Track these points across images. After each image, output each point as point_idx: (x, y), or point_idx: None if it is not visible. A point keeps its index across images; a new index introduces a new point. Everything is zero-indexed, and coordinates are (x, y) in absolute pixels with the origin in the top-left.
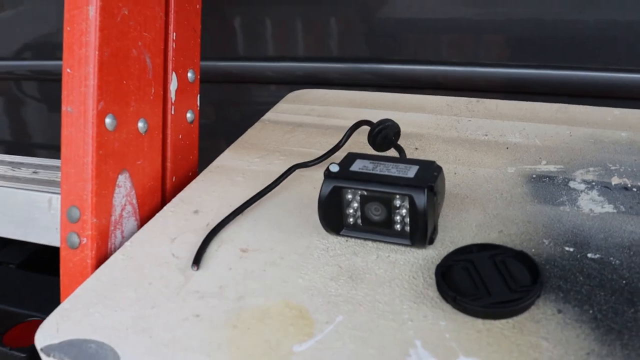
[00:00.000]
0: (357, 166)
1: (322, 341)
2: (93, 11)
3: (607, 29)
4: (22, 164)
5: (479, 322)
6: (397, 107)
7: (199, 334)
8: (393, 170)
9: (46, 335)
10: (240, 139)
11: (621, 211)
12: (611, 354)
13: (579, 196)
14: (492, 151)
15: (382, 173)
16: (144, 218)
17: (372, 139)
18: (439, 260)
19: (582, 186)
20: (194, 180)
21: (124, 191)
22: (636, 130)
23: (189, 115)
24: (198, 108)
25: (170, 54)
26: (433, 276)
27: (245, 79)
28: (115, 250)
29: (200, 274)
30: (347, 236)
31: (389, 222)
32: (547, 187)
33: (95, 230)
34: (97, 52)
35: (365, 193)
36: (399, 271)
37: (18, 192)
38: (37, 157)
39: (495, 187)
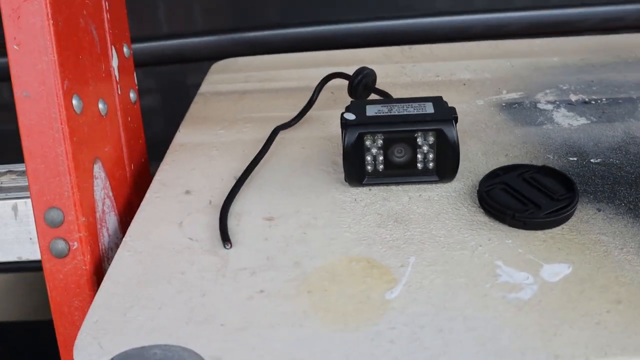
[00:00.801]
0: (371, 111)
1: (409, 283)
2: None
3: None
4: None
5: (539, 234)
6: (336, 63)
7: (275, 309)
8: (410, 109)
9: (89, 354)
10: (187, 115)
11: (594, 121)
12: None
13: (552, 115)
14: (452, 89)
15: (402, 113)
16: (122, 211)
17: (354, 90)
18: (469, 190)
19: (550, 106)
20: (163, 163)
21: (101, 183)
22: (564, 55)
23: (132, 95)
24: (137, 87)
25: (107, 25)
26: (474, 204)
27: None
28: (107, 251)
29: (236, 252)
30: (370, 184)
31: (412, 162)
32: (521, 111)
33: (86, 230)
34: (51, 21)
35: (391, 135)
36: (439, 206)
37: None
38: None
39: (475, 118)
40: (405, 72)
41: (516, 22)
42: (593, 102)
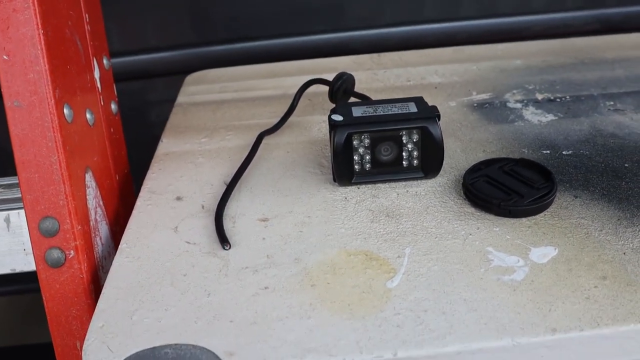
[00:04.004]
0: (358, 112)
1: (408, 272)
2: None
3: None
4: None
5: (523, 221)
6: (307, 72)
7: (282, 302)
8: (394, 109)
9: (99, 358)
10: (168, 125)
11: (560, 117)
12: (633, 215)
13: (522, 112)
14: (425, 92)
15: (387, 113)
16: (112, 220)
17: (334, 94)
18: (452, 184)
19: (519, 105)
20: (149, 171)
21: (92, 192)
22: (525, 58)
23: (113, 106)
24: (117, 99)
25: (88, 37)
26: (459, 197)
27: None
28: (101, 260)
29: (235, 252)
30: (358, 183)
31: (398, 160)
32: (492, 110)
33: (82, 239)
34: (41, 31)
35: (377, 135)
36: (427, 200)
37: None
38: None
39: (451, 118)
40: (378, 77)
41: (465, 30)
42: (558, 99)
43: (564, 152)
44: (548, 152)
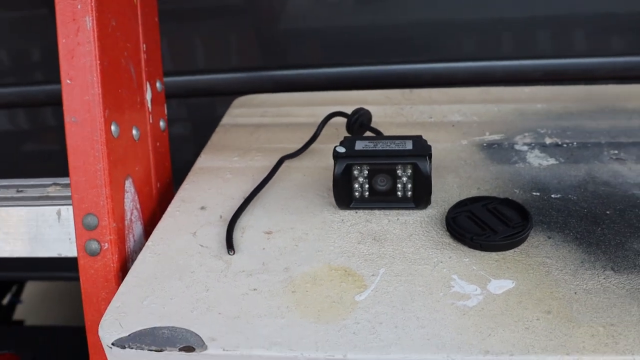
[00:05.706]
0: (359, 146)
1: (376, 289)
2: (90, 22)
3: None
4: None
5: (493, 255)
6: (342, 102)
7: (264, 303)
8: (392, 145)
9: (111, 331)
10: (209, 143)
11: (561, 162)
12: (597, 259)
13: (526, 155)
14: (442, 130)
15: (384, 148)
16: (147, 221)
17: (351, 127)
18: (440, 217)
19: (525, 147)
20: (184, 182)
21: (130, 196)
22: (547, 103)
23: (161, 123)
24: (166, 117)
25: (143, 64)
26: (442, 228)
27: None
28: (132, 253)
29: (238, 257)
30: (357, 208)
31: (393, 191)
32: (499, 151)
33: (115, 234)
34: (98, 62)
35: (374, 167)
36: (412, 229)
37: (23, 209)
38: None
39: (458, 156)
40: (403, 113)
41: (502, 70)
42: (565, 145)
43: (552, 195)
44: (538, 194)
